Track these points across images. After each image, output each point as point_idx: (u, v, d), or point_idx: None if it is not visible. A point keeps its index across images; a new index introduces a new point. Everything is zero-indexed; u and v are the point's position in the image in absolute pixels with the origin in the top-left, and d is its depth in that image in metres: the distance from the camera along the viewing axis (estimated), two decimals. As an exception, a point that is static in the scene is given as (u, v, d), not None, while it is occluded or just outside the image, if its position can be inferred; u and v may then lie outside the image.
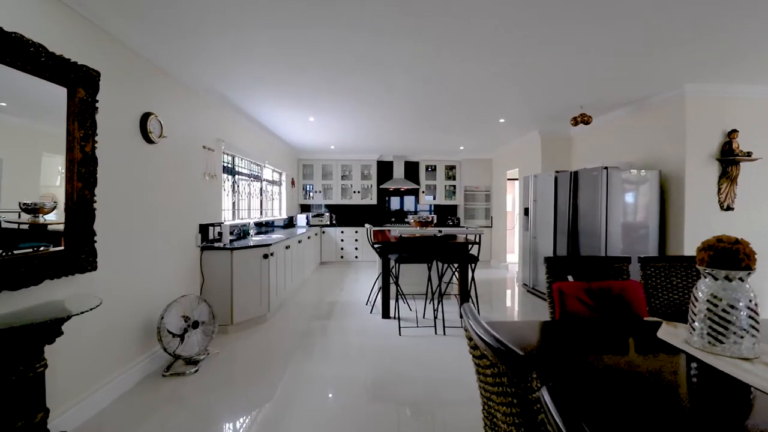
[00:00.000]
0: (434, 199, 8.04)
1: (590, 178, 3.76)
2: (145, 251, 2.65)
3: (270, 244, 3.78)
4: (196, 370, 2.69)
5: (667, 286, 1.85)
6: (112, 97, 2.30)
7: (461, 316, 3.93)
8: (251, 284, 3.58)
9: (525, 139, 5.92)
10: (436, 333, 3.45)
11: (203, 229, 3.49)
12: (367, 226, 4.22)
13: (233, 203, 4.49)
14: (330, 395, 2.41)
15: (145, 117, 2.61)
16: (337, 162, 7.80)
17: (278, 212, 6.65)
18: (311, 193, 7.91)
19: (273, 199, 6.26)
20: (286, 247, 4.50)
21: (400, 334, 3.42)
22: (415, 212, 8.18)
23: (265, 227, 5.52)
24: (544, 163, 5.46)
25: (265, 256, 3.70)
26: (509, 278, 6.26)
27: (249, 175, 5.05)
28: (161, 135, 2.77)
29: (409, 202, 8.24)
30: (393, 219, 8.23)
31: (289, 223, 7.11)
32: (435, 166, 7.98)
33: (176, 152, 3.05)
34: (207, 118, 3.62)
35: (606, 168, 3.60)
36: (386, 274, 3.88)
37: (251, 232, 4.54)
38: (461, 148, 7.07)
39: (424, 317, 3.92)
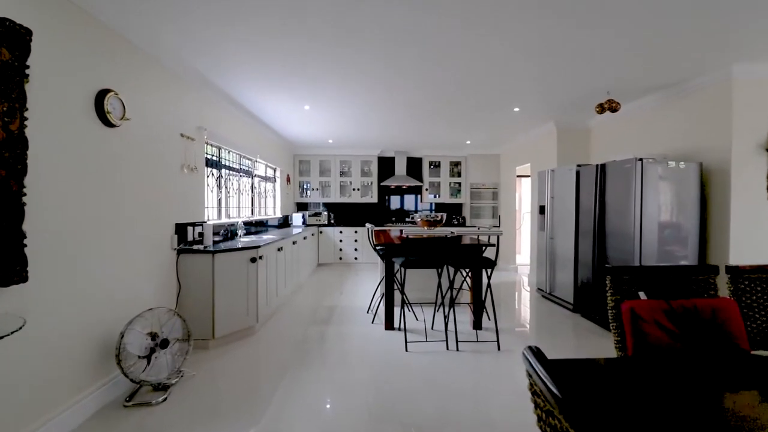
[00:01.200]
0: (437, 197, 7.59)
1: (621, 172, 3.33)
2: (102, 256, 2.20)
3: (259, 246, 3.33)
4: (165, 398, 2.24)
5: (765, 306, 1.42)
6: (55, 65, 1.86)
7: (474, 327, 3.52)
8: (236, 292, 3.13)
9: (538, 132, 5.48)
10: (447, 348, 3.01)
11: (180, 229, 3.04)
12: (368, 225, 3.79)
13: (219, 200, 4.04)
14: (327, 426, 1.97)
15: (102, 94, 2.16)
16: (336, 158, 7.35)
17: (272, 211, 6.20)
18: (308, 191, 7.46)
19: (264, 196, 5.80)
20: (279, 249, 4.05)
21: (406, 350, 2.98)
22: (416, 211, 7.75)
23: (257, 227, 5.08)
24: (560, 158, 5.02)
25: (253, 260, 3.25)
26: (520, 282, 5.83)
27: (238, 170, 4.60)
28: (123, 117, 2.32)
29: (409, 200, 7.79)
30: (393, 218, 7.79)
31: (284, 222, 6.66)
32: (439, 162, 7.54)
33: (145, 139, 2.60)
34: (186, 102, 3.17)
35: (641, 159, 3.16)
36: (390, 280, 3.44)
37: (239, 232, 4.09)
38: (468, 142, 6.63)
39: (432, 328, 3.48)
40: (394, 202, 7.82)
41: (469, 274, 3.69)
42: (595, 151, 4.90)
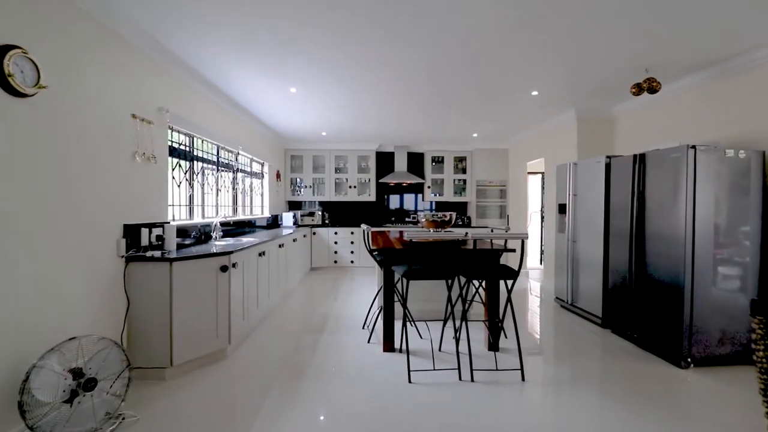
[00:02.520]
0: (438, 195, 7.03)
1: (667, 163, 2.78)
2: (8, 265, 1.64)
3: (231, 252, 2.76)
4: (91, 458, 1.68)
5: None
6: None
7: (490, 348, 2.91)
8: (202, 308, 2.57)
9: (554, 122, 4.93)
10: (460, 378, 2.45)
11: (132, 231, 2.48)
12: (363, 227, 3.23)
13: (190, 197, 3.47)
14: None
15: (1, 51, 1.60)
16: (330, 152, 6.79)
17: (260, 210, 5.64)
18: (300, 188, 6.90)
19: (249, 194, 5.23)
20: (260, 254, 3.49)
21: (410, 380, 2.42)
22: (416, 211, 7.20)
23: (241, 228, 4.51)
24: (581, 150, 4.47)
25: (224, 269, 2.69)
26: (532, 289, 5.26)
27: (216, 163, 4.03)
28: (38, 84, 1.76)
29: (409, 199, 7.23)
30: (393, 218, 7.23)
31: (274, 222, 6.10)
32: (442, 157, 6.98)
33: (77, 115, 2.03)
34: (141, 76, 2.60)
35: (693, 147, 2.61)
36: (389, 292, 2.88)
37: (214, 234, 3.53)
38: (474, 135, 6.08)
39: (440, 350, 2.93)
40: (394, 201, 7.26)
41: (482, 284, 3.14)
42: (621, 142, 4.35)
